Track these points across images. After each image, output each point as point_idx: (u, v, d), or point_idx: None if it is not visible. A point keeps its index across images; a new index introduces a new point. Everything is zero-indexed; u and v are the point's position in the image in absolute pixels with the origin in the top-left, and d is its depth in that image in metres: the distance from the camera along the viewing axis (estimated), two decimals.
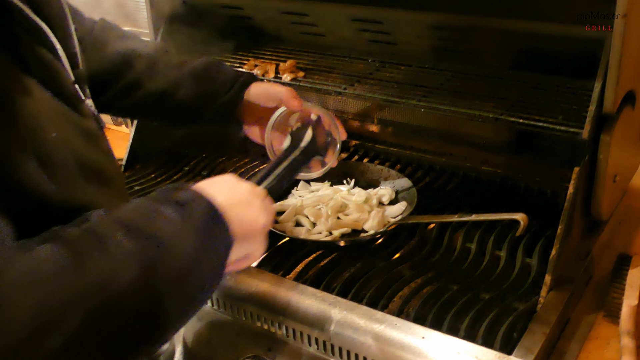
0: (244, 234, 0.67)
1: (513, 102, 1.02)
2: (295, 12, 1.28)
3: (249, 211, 0.69)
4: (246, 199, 0.70)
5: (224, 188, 0.68)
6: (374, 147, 1.39)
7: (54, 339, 0.48)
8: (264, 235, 0.72)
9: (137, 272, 0.55)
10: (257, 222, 0.70)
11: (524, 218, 0.97)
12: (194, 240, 0.60)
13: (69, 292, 0.50)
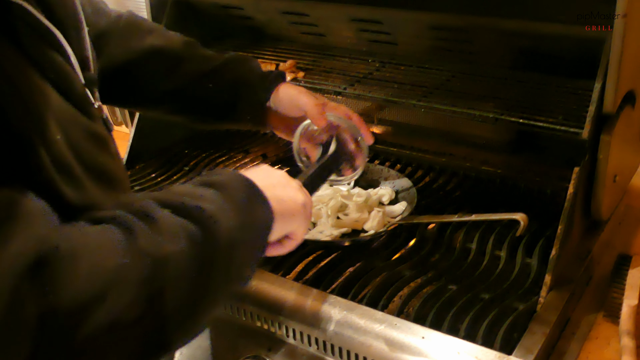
0: (284, 211, 0.69)
1: (513, 102, 1.02)
2: (295, 12, 1.28)
3: (287, 190, 0.72)
4: (283, 181, 0.73)
5: (259, 173, 0.71)
6: (374, 147, 1.39)
7: (102, 310, 0.49)
8: (304, 215, 0.74)
9: (186, 246, 0.56)
10: (296, 200, 0.72)
11: (524, 218, 0.97)
12: (236, 218, 0.62)
13: (121, 261, 0.52)
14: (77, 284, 0.49)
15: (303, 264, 1.01)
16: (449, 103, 1.03)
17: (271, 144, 1.46)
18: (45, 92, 0.61)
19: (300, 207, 0.73)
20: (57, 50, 0.65)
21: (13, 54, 0.57)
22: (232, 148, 1.42)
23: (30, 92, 0.58)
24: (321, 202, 1.14)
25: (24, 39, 0.59)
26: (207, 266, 0.59)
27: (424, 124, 1.34)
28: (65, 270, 0.49)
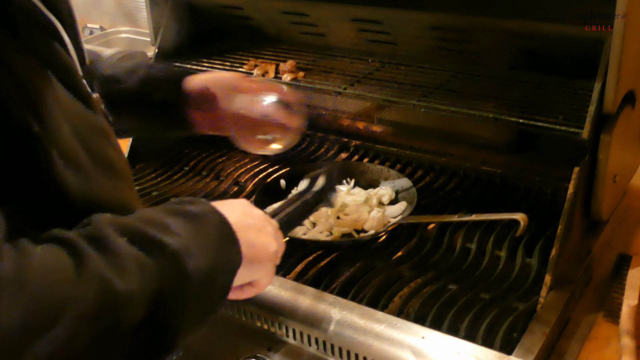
0: (253, 258, 0.65)
1: (513, 102, 1.02)
2: (295, 12, 1.28)
3: (260, 236, 0.68)
4: (258, 224, 0.69)
5: (236, 209, 0.67)
6: (374, 147, 1.39)
7: (44, 340, 0.46)
8: (272, 264, 0.70)
9: (138, 286, 0.52)
10: (268, 248, 0.68)
11: (524, 218, 0.97)
12: (202, 258, 0.58)
13: (65, 291, 0.48)
14: (20, 311, 0.45)
15: (303, 264, 1.01)
16: (449, 103, 1.03)
17: None
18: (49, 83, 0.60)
19: (271, 256, 0.69)
20: (57, 40, 0.64)
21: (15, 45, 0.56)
22: (232, 148, 1.41)
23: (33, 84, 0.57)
24: None
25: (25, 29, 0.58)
26: (160, 307, 0.54)
27: (424, 124, 1.34)
28: (8, 296, 0.45)
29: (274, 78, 1.21)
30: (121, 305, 0.51)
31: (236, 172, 1.31)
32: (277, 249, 0.71)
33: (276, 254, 0.70)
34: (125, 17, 2.21)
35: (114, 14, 2.24)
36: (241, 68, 1.26)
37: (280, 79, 1.20)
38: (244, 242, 0.64)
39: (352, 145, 1.41)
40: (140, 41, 2.07)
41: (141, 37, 2.09)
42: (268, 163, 1.34)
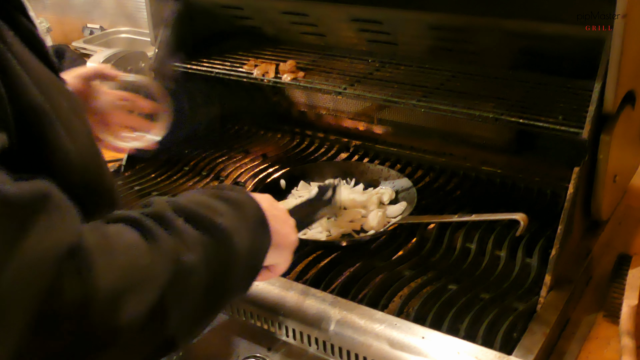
0: (277, 244, 0.73)
1: (513, 102, 1.02)
2: (295, 12, 1.28)
3: (285, 226, 0.76)
4: (282, 215, 0.77)
5: (265, 200, 0.73)
6: (374, 147, 1.39)
7: (132, 302, 0.51)
8: (290, 252, 0.78)
9: (203, 257, 0.58)
10: (290, 237, 0.77)
11: (524, 218, 0.97)
12: (246, 238, 0.65)
13: (147, 260, 0.54)
14: (113, 276, 0.50)
15: (303, 264, 1.01)
16: (449, 103, 1.03)
17: (271, 144, 1.46)
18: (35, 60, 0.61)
19: (291, 244, 0.77)
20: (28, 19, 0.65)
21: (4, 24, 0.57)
22: (232, 148, 1.42)
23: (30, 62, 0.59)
24: None
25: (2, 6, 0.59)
26: (217, 279, 0.61)
27: (424, 124, 1.34)
28: (102, 262, 0.50)
29: (274, 78, 1.21)
30: (188, 274, 0.57)
31: (236, 172, 1.31)
32: (295, 240, 0.78)
33: (295, 244, 0.78)
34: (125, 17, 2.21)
35: (114, 14, 2.24)
36: (241, 68, 1.26)
37: (280, 79, 1.20)
38: (272, 228, 0.71)
39: (352, 145, 1.41)
40: (140, 41, 2.07)
41: (141, 37, 2.09)
42: (268, 163, 1.34)
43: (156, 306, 0.53)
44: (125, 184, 1.28)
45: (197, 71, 1.30)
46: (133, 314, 0.51)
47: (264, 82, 1.23)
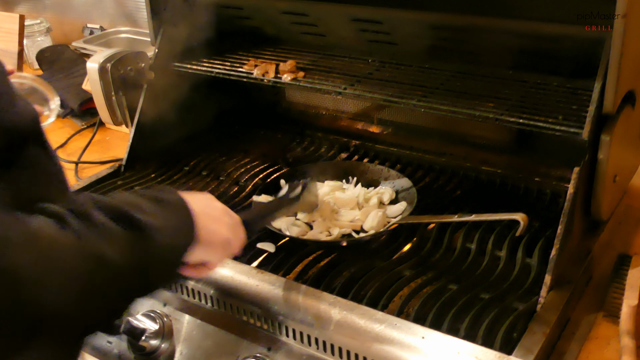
0: (207, 242, 0.75)
1: (513, 102, 1.02)
2: (295, 12, 1.28)
3: (216, 223, 0.78)
4: (216, 214, 0.79)
5: (200, 200, 0.77)
6: (374, 147, 1.39)
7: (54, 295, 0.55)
8: (224, 250, 0.80)
9: (120, 249, 0.62)
10: (221, 234, 0.78)
11: (524, 218, 0.97)
12: (168, 233, 0.69)
13: (66, 252, 0.57)
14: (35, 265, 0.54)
15: (303, 264, 1.01)
16: (449, 103, 1.03)
17: (271, 144, 1.46)
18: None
19: (224, 242, 0.79)
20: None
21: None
22: (232, 148, 1.42)
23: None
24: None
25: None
26: (137, 273, 0.65)
27: (424, 124, 1.34)
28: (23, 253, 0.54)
29: (274, 78, 1.21)
30: (107, 268, 0.61)
31: (236, 172, 1.31)
32: (231, 238, 0.80)
33: (229, 242, 0.80)
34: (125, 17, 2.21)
35: (114, 14, 2.24)
36: (241, 68, 1.26)
37: (280, 79, 1.20)
38: (202, 227, 0.74)
39: (352, 145, 1.41)
40: (140, 41, 2.07)
41: (141, 37, 2.09)
42: (268, 163, 1.34)
43: (76, 298, 0.57)
44: (125, 184, 1.28)
45: (197, 71, 1.30)
46: (53, 305, 0.55)
47: (264, 82, 1.23)
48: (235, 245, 0.82)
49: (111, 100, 1.39)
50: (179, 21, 1.34)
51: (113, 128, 1.65)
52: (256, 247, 1.05)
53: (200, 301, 1.01)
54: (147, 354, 1.00)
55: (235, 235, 0.82)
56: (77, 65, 1.88)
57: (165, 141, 1.41)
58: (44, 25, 2.26)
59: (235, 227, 0.83)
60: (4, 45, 2.04)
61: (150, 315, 1.01)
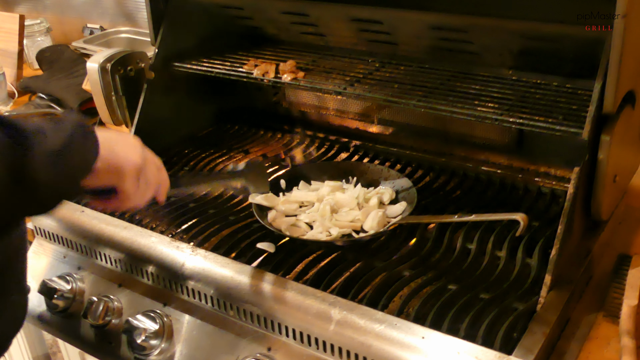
0: (111, 161, 0.76)
1: (513, 102, 1.02)
2: (295, 12, 1.28)
3: (125, 149, 0.78)
4: (128, 141, 0.80)
5: (113, 133, 0.79)
6: (374, 147, 1.39)
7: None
8: (134, 176, 0.80)
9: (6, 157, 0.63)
10: (130, 160, 0.78)
11: (524, 218, 0.97)
12: (54, 138, 0.69)
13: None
14: None
15: (303, 264, 1.01)
16: (449, 103, 1.03)
17: (271, 144, 1.46)
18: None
19: (132, 167, 0.79)
20: None
21: None
22: (232, 148, 1.42)
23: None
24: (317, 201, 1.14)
25: None
26: (18, 176, 0.64)
27: (424, 124, 1.34)
28: None
29: (274, 78, 1.21)
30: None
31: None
32: (140, 165, 0.80)
33: (137, 170, 0.79)
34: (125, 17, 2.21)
35: (114, 14, 2.24)
36: (241, 68, 1.26)
37: (280, 79, 1.20)
38: (107, 148, 0.75)
39: (352, 145, 1.41)
40: (140, 41, 2.07)
41: (141, 37, 2.09)
42: (268, 163, 1.34)
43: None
44: None
45: (197, 71, 1.30)
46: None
47: (264, 82, 1.23)
48: (151, 181, 0.83)
49: (111, 100, 1.39)
50: (179, 21, 1.34)
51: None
52: (256, 247, 1.05)
53: (200, 301, 1.01)
54: (147, 354, 1.00)
55: (152, 170, 0.83)
56: (77, 65, 1.88)
57: (165, 141, 1.41)
58: (44, 25, 2.26)
59: (155, 164, 0.84)
60: (4, 45, 2.04)
61: (150, 315, 1.01)
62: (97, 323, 1.06)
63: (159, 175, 0.86)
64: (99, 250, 1.13)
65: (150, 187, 0.83)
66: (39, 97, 1.85)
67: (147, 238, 1.07)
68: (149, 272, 1.06)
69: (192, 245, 1.06)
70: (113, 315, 1.07)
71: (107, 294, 1.09)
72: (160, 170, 0.86)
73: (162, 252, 1.05)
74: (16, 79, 2.01)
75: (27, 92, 1.93)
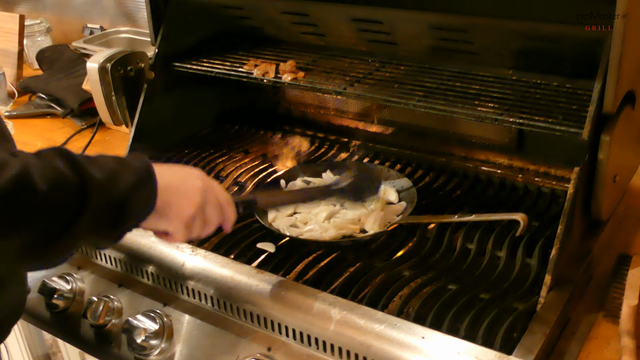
0: (164, 212, 0.77)
1: (513, 102, 1.02)
2: (295, 12, 1.28)
3: (182, 199, 0.79)
4: (189, 190, 0.80)
5: (175, 172, 0.81)
6: (374, 147, 1.39)
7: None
8: (187, 227, 0.81)
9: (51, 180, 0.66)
10: (183, 210, 0.79)
11: (524, 218, 0.97)
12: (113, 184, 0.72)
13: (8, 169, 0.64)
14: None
15: (303, 264, 1.01)
16: (449, 103, 1.03)
17: (272, 144, 1.46)
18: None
19: (186, 219, 0.80)
20: None
21: None
22: (232, 148, 1.42)
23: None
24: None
25: None
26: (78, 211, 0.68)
27: (424, 124, 1.34)
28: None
29: (274, 78, 1.21)
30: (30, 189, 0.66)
31: (236, 172, 1.31)
32: (193, 215, 0.80)
33: (189, 219, 0.80)
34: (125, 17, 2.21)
35: (114, 14, 2.24)
36: (241, 68, 1.26)
37: (280, 79, 1.20)
38: (163, 198, 0.76)
39: (352, 145, 1.41)
40: (140, 41, 2.07)
41: (141, 37, 2.09)
42: (268, 163, 1.34)
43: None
44: None
45: (197, 71, 1.30)
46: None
47: (264, 82, 1.23)
48: (212, 221, 0.83)
49: (111, 100, 1.39)
50: (179, 21, 1.34)
51: (113, 128, 1.65)
52: (256, 247, 1.05)
53: (200, 301, 1.01)
54: (147, 354, 1.00)
55: (212, 212, 0.83)
56: (77, 65, 1.88)
57: (165, 141, 1.41)
58: (44, 25, 2.26)
59: (217, 205, 0.83)
60: (4, 45, 2.04)
61: (150, 315, 1.01)
62: (97, 323, 1.06)
63: (223, 214, 0.85)
64: (98, 250, 1.13)
65: (208, 227, 0.84)
66: (39, 97, 1.85)
67: (147, 238, 1.07)
68: (149, 272, 1.06)
69: (192, 245, 1.05)
70: (113, 315, 1.06)
71: (107, 294, 1.09)
72: (224, 208, 0.85)
73: (162, 252, 1.05)
74: (16, 79, 2.01)
75: (27, 92, 1.93)
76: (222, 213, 0.85)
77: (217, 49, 1.36)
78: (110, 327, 1.07)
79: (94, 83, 1.38)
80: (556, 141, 1.04)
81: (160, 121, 1.36)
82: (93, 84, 1.39)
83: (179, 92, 1.40)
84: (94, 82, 1.38)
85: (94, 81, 1.38)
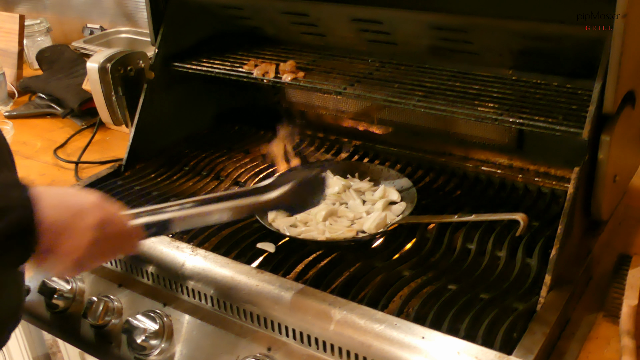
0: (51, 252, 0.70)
1: (513, 102, 1.02)
2: (295, 12, 1.28)
3: (72, 240, 0.71)
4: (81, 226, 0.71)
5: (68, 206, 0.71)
6: (374, 147, 1.39)
7: None
8: (75, 264, 0.72)
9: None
10: (72, 253, 0.71)
11: (524, 218, 0.97)
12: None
13: None
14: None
15: (303, 264, 1.01)
16: (449, 103, 1.03)
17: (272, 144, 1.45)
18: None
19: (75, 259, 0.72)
20: None
21: None
22: (232, 148, 1.42)
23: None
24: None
25: None
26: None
27: (424, 124, 1.34)
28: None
29: (274, 78, 1.21)
30: None
31: (236, 172, 1.31)
32: (83, 255, 0.72)
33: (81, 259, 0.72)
34: (125, 17, 2.21)
35: (114, 14, 2.24)
36: (241, 68, 1.26)
37: (280, 79, 1.20)
38: (46, 243, 0.68)
39: (352, 145, 1.41)
40: (140, 41, 2.07)
41: (141, 37, 2.09)
42: (268, 163, 1.34)
43: None
44: (125, 183, 1.28)
45: (197, 71, 1.30)
46: None
47: (264, 82, 1.23)
48: (108, 256, 0.78)
49: (111, 100, 1.39)
50: (179, 21, 1.34)
51: (113, 128, 1.65)
52: (256, 247, 1.05)
53: (200, 301, 1.01)
54: (147, 354, 1.00)
55: (109, 249, 0.75)
56: (77, 65, 1.88)
57: (165, 141, 1.41)
58: (44, 25, 2.26)
59: (114, 239, 0.75)
60: (4, 45, 2.04)
61: (150, 315, 1.01)
62: (97, 323, 1.06)
63: (123, 245, 0.78)
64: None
65: (106, 259, 0.80)
66: (39, 97, 1.85)
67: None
68: (149, 272, 1.06)
69: (192, 245, 1.06)
70: (113, 315, 1.06)
71: (107, 294, 1.09)
72: (125, 239, 0.77)
73: (162, 252, 1.05)
74: (16, 79, 2.01)
75: (27, 92, 1.93)
76: (122, 244, 0.77)
77: (217, 49, 1.36)
78: (110, 327, 1.07)
79: (94, 83, 1.38)
80: (556, 141, 1.04)
81: (160, 121, 1.36)
82: (93, 84, 1.39)
83: (179, 92, 1.40)
84: (94, 82, 1.38)
85: (94, 81, 1.38)
